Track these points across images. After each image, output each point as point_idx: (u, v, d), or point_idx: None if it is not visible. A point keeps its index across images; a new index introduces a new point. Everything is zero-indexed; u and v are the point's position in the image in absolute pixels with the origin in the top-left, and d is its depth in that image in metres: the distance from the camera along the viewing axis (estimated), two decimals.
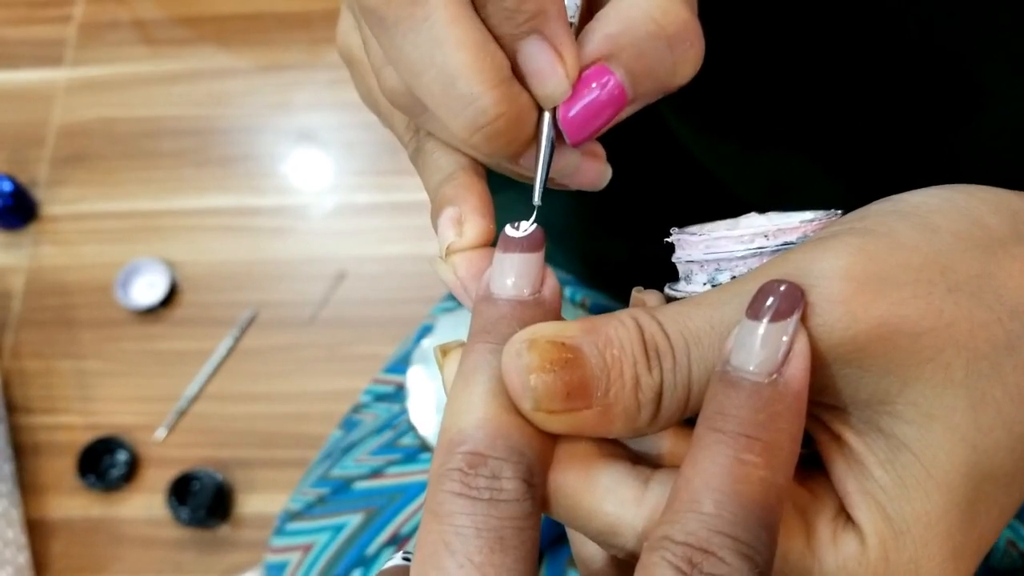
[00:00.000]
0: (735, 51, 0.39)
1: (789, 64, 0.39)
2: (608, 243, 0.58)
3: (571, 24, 0.25)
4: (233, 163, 1.47)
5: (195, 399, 1.33)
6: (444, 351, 0.25)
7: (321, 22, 1.53)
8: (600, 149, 0.28)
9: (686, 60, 0.25)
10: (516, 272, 0.24)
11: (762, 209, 0.28)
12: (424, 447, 0.59)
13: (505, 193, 0.35)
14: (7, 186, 1.41)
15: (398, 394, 0.63)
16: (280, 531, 0.60)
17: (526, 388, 0.22)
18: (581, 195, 0.58)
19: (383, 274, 1.38)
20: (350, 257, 1.39)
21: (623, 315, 0.23)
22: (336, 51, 0.33)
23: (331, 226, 1.42)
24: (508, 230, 0.25)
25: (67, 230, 1.46)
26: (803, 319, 0.22)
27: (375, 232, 1.41)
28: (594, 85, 0.24)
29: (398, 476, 0.58)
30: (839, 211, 0.26)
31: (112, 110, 1.53)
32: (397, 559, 0.24)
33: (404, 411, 0.61)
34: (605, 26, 0.24)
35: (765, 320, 0.21)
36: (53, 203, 1.48)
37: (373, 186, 1.44)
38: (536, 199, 0.26)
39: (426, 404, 0.60)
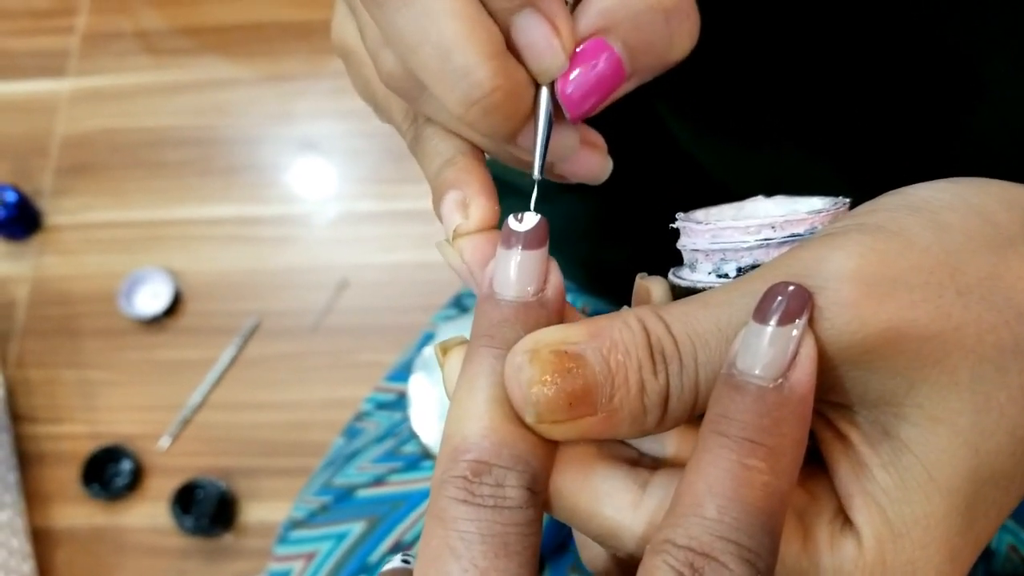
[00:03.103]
0: (734, 48, 0.39)
1: (789, 61, 0.39)
2: (609, 249, 0.58)
3: (566, 1, 0.24)
4: (236, 172, 1.48)
5: (199, 408, 1.33)
6: (444, 349, 0.25)
7: (323, 32, 1.54)
8: (600, 140, 0.28)
9: (683, 33, 0.25)
10: (519, 270, 0.24)
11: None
12: (426, 455, 0.59)
13: (507, 200, 0.35)
14: (11, 196, 1.42)
15: (400, 402, 0.63)
16: (283, 539, 0.60)
17: (527, 402, 0.22)
18: (582, 201, 0.58)
19: (385, 282, 1.38)
20: (352, 265, 1.39)
21: (628, 316, 0.23)
22: (338, 59, 0.34)
23: (333, 234, 1.42)
24: (511, 222, 0.24)
25: (71, 240, 1.47)
26: (812, 321, 0.21)
27: (377, 240, 1.41)
28: (591, 60, 0.24)
29: (400, 484, 0.58)
30: (847, 200, 0.26)
31: (115, 120, 1.53)
32: (396, 562, 0.24)
33: (406, 419, 0.61)
34: (601, 0, 0.24)
35: (772, 323, 0.21)
36: (57, 213, 1.48)
37: (375, 194, 1.44)
38: (536, 173, 0.25)
39: (428, 412, 0.60)
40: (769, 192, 0.28)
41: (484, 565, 0.21)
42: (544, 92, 0.24)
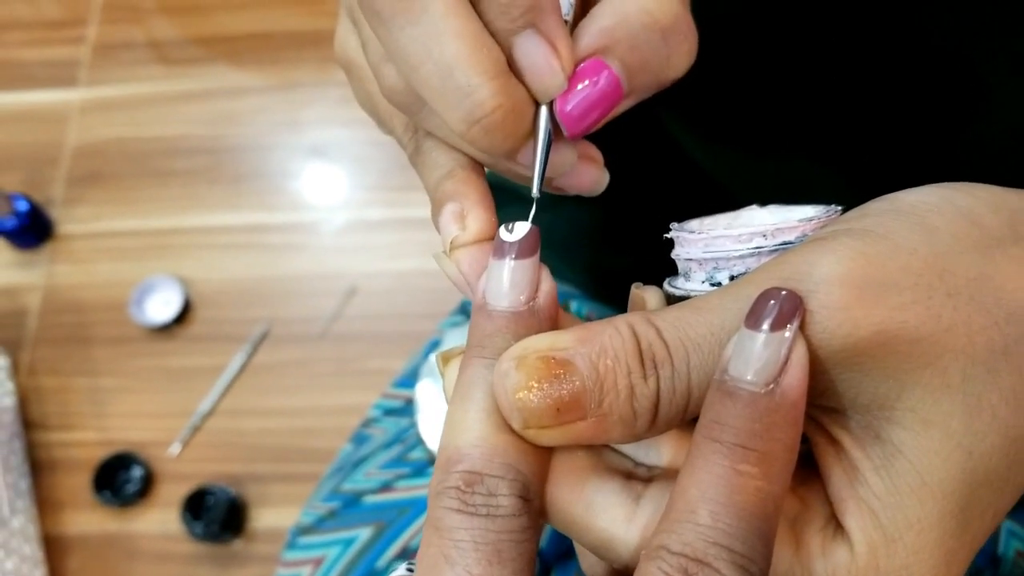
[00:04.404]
0: (737, 57, 0.39)
1: (792, 67, 0.39)
2: (614, 256, 0.58)
3: (566, 21, 0.25)
4: (245, 180, 1.48)
5: (209, 415, 1.34)
6: (445, 359, 0.25)
7: (331, 41, 1.53)
8: (597, 154, 0.28)
9: (680, 52, 0.25)
10: (510, 281, 0.24)
11: None
12: (433, 461, 0.59)
13: (510, 207, 0.35)
14: (23, 206, 1.43)
15: (407, 408, 0.64)
16: (292, 545, 0.61)
17: (513, 408, 0.22)
18: (586, 209, 0.59)
19: (393, 289, 1.38)
20: (361, 273, 1.40)
21: (619, 322, 0.23)
22: None
23: (342, 242, 1.43)
24: (502, 232, 0.25)
25: (82, 248, 1.48)
26: (803, 326, 0.21)
27: (386, 248, 1.42)
28: (590, 79, 0.24)
29: (407, 490, 0.58)
30: (839, 208, 0.26)
31: (126, 129, 1.54)
32: (401, 570, 0.25)
33: (413, 425, 0.61)
34: (599, 20, 0.24)
35: (764, 328, 0.21)
36: (68, 222, 1.49)
37: (383, 202, 1.44)
38: (535, 191, 0.26)
39: (435, 418, 0.60)
40: (773, 201, 0.28)
41: (478, 572, 0.21)
42: (543, 111, 0.25)
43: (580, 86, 0.24)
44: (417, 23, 0.23)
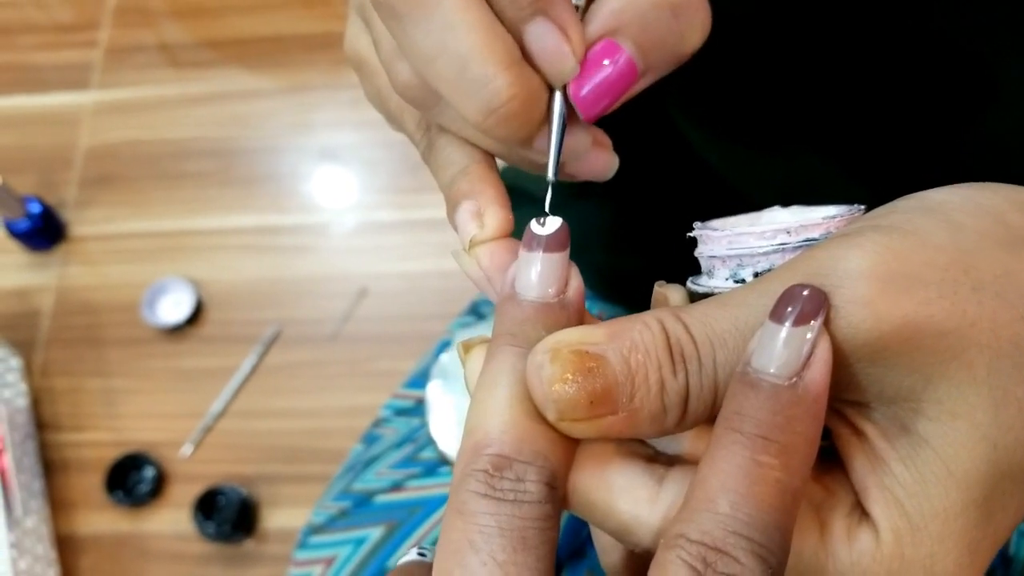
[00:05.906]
0: (746, 53, 0.39)
1: (801, 64, 0.39)
2: (625, 257, 0.58)
3: (577, 7, 0.25)
4: (256, 183, 1.49)
5: (220, 415, 1.34)
6: (467, 347, 0.25)
7: (341, 43, 1.54)
8: (606, 138, 0.28)
9: (693, 27, 0.25)
10: (541, 272, 0.24)
11: None
12: (443, 461, 0.59)
13: (523, 208, 0.35)
14: (36, 208, 1.43)
15: (418, 408, 0.64)
16: (303, 545, 0.61)
17: (548, 399, 0.22)
18: (598, 209, 0.59)
19: (404, 291, 1.39)
20: (371, 274, 1.40)
21: (648, 317, 0.23)
22: None
23: (353, 244, 1.43)
24: (533, 226, 0.24)
25: (94, 250, 1.48)
26: (828, 320, 0.22)
27: (396, 249, 1.42)
28: (605, 62, 0.25)
29: (418, 490, 0.59)
30: (862, 206, 0.26)
31: (138, 132, 1.55)
32: (412, 555, 0.25)
33: (424, 425, 0.62)
34: (609, 2, 0.25)
35: (787, 323, 0.21)
36: (81, 224, 1.50)
37: (394, 204, 1.45)
38: (550, 175, 0.26)
39: (445, 418, 0.60)
40: (783, 198, 0.29)
41: (503, 558, 0.21)
42: (558, 96, 0.25)
43: (593, 69, 0.25)
44: (431, 17, 0.23)
